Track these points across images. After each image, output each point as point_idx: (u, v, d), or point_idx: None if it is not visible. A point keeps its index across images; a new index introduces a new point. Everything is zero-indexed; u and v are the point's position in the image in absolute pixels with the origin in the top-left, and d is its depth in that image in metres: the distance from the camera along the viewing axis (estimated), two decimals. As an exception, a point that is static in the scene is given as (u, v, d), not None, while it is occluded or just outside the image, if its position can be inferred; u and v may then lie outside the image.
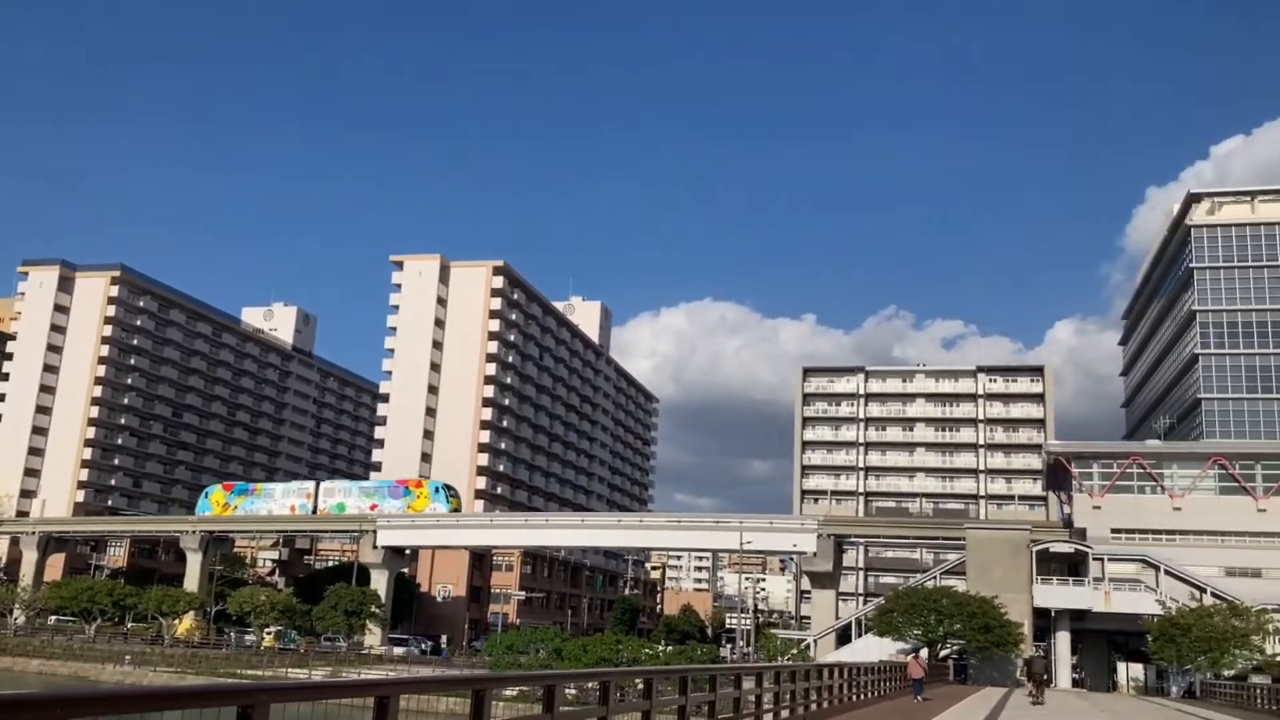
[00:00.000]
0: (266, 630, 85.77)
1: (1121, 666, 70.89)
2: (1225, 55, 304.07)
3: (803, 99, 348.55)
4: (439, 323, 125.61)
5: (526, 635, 76.85)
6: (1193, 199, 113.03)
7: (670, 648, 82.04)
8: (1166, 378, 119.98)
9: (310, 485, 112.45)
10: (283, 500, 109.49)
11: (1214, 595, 68.19)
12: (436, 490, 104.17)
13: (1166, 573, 71.21)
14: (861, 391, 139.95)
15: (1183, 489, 79.63)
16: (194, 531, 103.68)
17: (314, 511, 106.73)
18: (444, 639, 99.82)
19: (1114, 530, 78.46)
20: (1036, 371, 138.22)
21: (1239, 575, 73.97)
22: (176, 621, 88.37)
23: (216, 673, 61.62)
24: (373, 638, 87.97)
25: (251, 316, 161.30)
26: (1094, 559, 72.04)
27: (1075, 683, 70.96)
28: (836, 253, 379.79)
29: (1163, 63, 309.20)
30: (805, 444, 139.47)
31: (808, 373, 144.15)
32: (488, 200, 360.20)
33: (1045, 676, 48.46)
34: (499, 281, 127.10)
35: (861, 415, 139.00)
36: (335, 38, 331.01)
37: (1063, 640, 72.00)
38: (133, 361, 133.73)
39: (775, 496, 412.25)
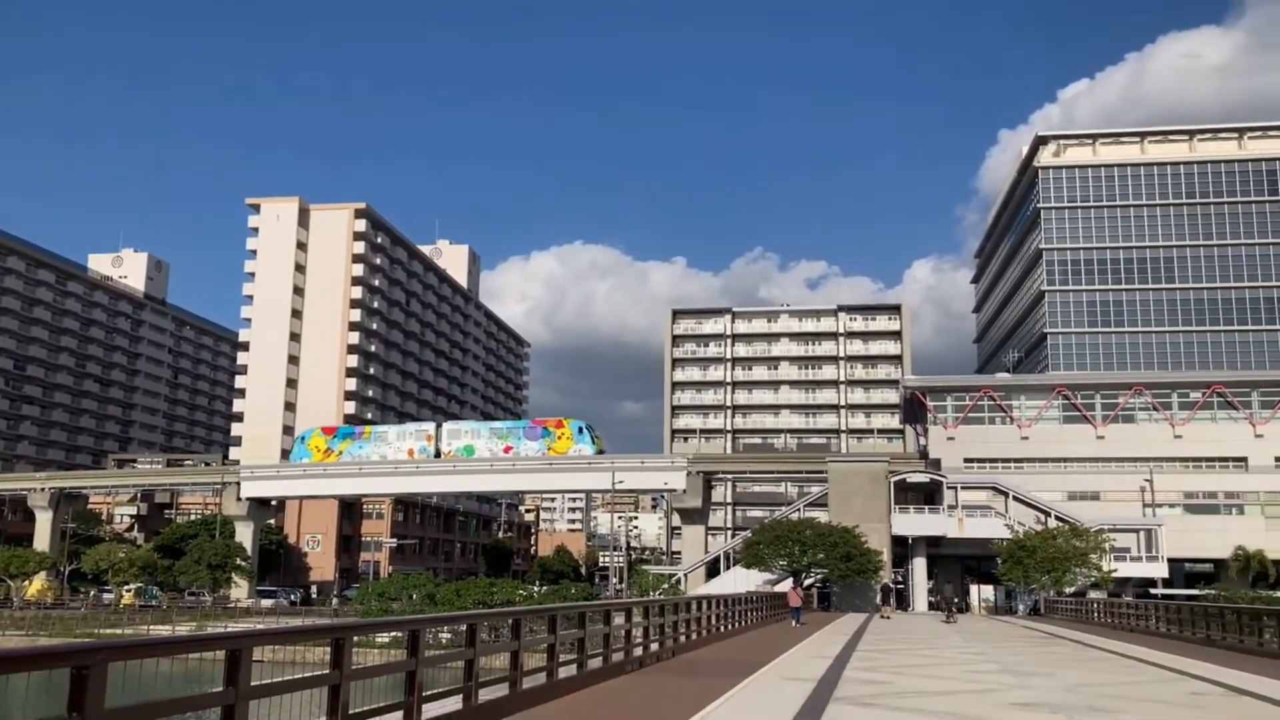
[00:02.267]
0: (126, 588, 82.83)
1: (974, 588, 74.80)
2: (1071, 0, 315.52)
3: (668, 55, 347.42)
4: (300, 268, 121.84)
5: (399, 582, 76.28)
6: (1040, 141, 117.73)
7: (545, 588, 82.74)
8: (1015, 313, 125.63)
9: (430, 427, 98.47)
10: (398, 444, 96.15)
11: (1057, 518, 72.40)
12: (580, 431, 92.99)
13: (1014, 498, 75.24)
14: (729, 332, 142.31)
15: (1029, 419, 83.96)
16: (43, 489, 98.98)
17: (437, 456, 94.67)
18: (314, 589, 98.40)
19: (966, 460, 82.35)
20: (894, 310, 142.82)
21: (1080, 499, 78.72)
22: (26, 583, 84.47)
23: (72, 633, 59.25)
24: (239, 591, 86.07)
25: (99, 264, 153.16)
26: (948, 488, 75.54)
27: (931, 605, 74.62)
28: (704, 196, 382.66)
29: (1013, 7, 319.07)
30: (675, 385, 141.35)
31: (677, 315, 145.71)
32: (349, 143, 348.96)
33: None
34: (361, 225, 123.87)
35: (729, 355, 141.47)
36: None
37: (920, 566, 75.49)
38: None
39: (647, 437, 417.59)
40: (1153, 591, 69.09)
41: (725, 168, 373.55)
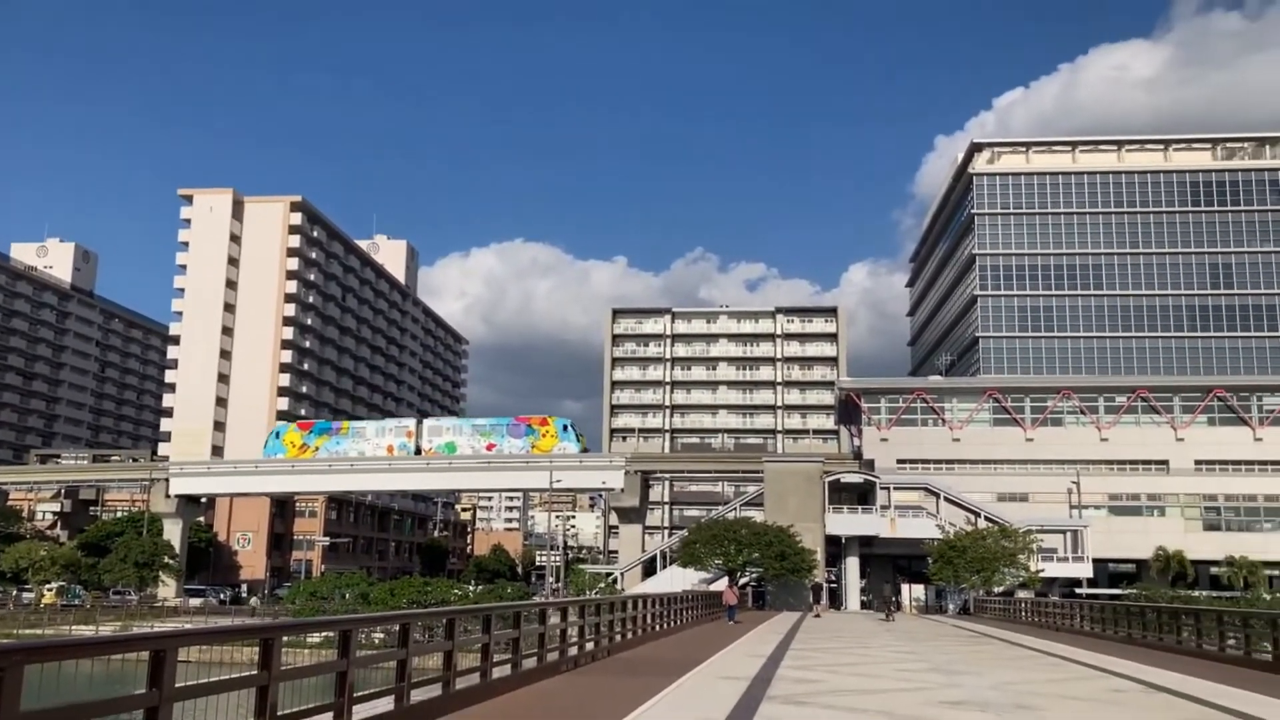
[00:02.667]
0: (47, 587, 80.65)
1: (904, 588, 75.92)
2: (1010, 8, 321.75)
3: (611, 57, 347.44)
4: (233, 261, 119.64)
5: (331, 581, 75.34)
6: (975, 149, 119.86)
7: (480, 587, 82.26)
8: (949, 317, 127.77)
9: (411, 423, 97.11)
10: (376, 440, 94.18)
11: (987, 519, 73.81)
12: (565, 429, 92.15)
13: (946, 499, 76.54)
14: (668, 332, 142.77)
15: (961, 421, 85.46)
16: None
17: (417, 452, 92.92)
18: (244, 588, 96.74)
19: (899, 460, 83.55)
20: (830, 312, 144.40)
21: (1009, 500, 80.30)
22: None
23: (-10, 634, 57.52)
24: (167, 590, 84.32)
25: (23, 253, 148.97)
26: (881, 488, 76.61)
27: (864, 604, 75.61)
28: (645, 196, 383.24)
29: (952, 15, 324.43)
30: (615, 384, 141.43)
31: (617, 314, 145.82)
32: (286, 135, 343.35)
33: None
34: (297, 218, 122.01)
35: (668, 355, 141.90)
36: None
37: (852, 565, 76.47)
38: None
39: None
40: (1078, 591, 70.81)
41: (667, 168, 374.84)
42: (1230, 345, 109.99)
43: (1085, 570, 73.85)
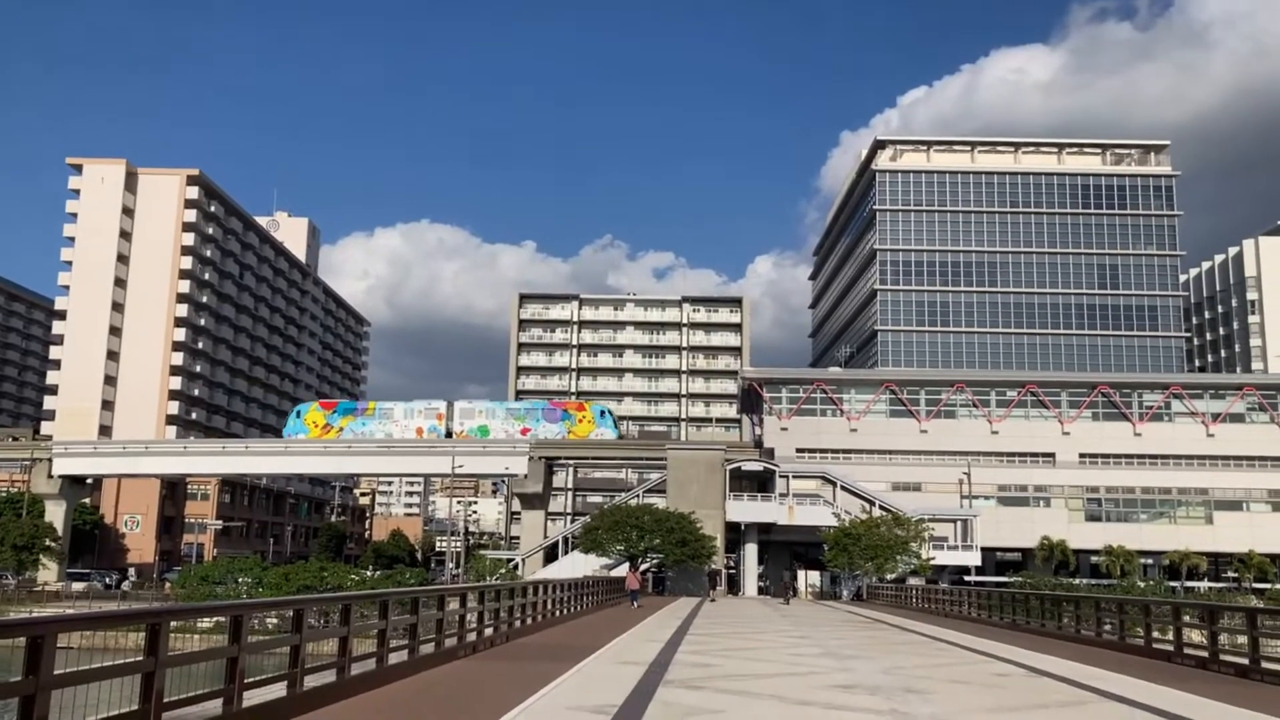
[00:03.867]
0: (-85, 571, 76.91)
1: (801, 574, 77.39)
2: (917, 6, 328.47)
3: (521, 43, 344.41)
4: (125, 234, 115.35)
5: (224, 566, 73.44)
6: (878, 145, 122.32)
7: (379, 573, 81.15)
8: (849, 310, 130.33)
9: (441, 405, 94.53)
10: (405, 422, 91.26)
11: (881, 507, 75.64)
12: (602, 415, 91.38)
13: (843, 488, 78.19)
14: (575, 318, 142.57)
15: (859, 412, 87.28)
16: None
17: (448, 435, 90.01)
18: (132, 572, 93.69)
19: (799, 449, 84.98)
20: (735, 303, 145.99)
21: (903, 489, 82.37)
22: None
23: None
24: (48, 573, 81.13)
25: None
26: (780, 476, 77.87)
27: (761, 590, 76.82)
28: (556, 181, 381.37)
29: (860, 12, 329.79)
30: (520, 369, 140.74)
31: (524, 299, 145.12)
32: (183, 107, 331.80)
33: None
34: (193, 192, 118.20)
35: (575, 341, 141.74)
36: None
37: (751, 552, 77.61)
38: None
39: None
40: (966, 579, 73.12)
41: (579, 154, 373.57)
42: (1115, 343, 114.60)
43: (974, 558, 76.24)
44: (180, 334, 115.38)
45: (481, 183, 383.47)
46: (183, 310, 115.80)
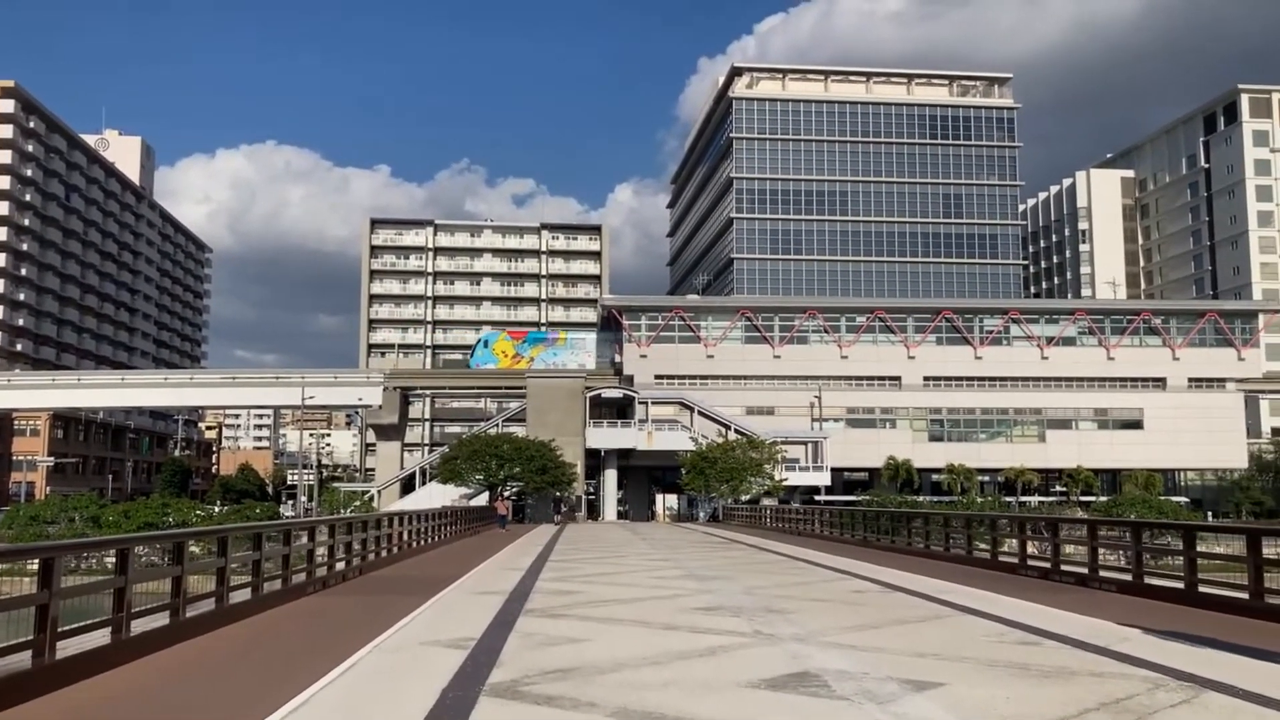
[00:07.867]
0: None
1: (659, 497, 78.54)
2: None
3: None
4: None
5: (56, 504, 69.64)
6: (735, 73, 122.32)
7: (226, 508, 78.52)
8: (706, 238, 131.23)
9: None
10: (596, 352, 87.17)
11: (737, 431, 77.16)
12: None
13: (700, 413, 79.34)
14: (430, 245, 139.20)
15: (715, 339, 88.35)
16: None
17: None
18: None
19: (657, 376, 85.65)
20: (595, 230, 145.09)
21: (757, 414, 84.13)
22: None
23: None
24: None
25: None
26: (639, 403, 78.45)
27: (620, 514, 77.67)
28: (411, 103, 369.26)
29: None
30: (373, 298, 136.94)
31: (376, 224, 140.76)
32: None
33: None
34: (9, 105, 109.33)
35: (430, 269, 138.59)
36: None
37: (611, 477, 78.28)
38: None
39: (343, 351, 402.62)
40: (817, 498, 75.56)
41: (435, 76, 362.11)
42: (958, 270, 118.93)
43: (824, 479, 78.81)
44: (0, 259, 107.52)
45: (332, 104, 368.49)
46: (2, 234, 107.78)
